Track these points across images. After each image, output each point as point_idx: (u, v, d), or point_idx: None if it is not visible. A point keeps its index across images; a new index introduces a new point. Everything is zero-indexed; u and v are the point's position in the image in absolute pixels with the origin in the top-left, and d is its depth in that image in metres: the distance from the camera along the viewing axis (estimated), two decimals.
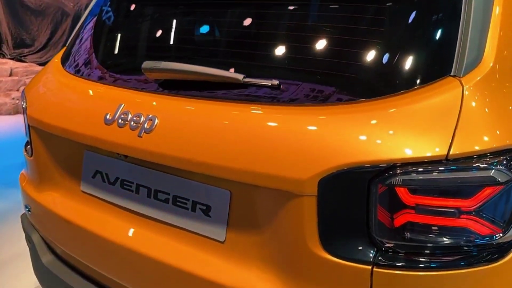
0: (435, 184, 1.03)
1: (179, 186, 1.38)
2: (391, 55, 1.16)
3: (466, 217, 1.04)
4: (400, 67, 1.14)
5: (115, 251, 1.49)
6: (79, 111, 1.57)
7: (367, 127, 1.09)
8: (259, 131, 1.19)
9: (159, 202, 1.42)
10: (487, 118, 1.07)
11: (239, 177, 1.19)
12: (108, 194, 1.55)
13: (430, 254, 1.06)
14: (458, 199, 1.04)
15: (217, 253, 1.30)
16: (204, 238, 1.33)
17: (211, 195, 1.32)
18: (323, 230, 1.11)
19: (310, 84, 1.23)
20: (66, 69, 1.75)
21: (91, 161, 1.60)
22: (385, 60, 1.16)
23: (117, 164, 1.53)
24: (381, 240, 1.08)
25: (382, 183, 1.05)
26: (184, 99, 1.36)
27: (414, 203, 1.05)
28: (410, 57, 1.15)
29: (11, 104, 6.80)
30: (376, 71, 1.17)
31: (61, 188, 1.71)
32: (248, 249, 1.25)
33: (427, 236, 1.06)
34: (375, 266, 1.07)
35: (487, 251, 1.05)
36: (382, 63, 1.17)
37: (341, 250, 1.10)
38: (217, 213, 1.30)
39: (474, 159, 1.03)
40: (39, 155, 1.75)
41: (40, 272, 1.86)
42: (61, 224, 1.68)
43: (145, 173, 1.45)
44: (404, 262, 1.06)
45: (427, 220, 1.05)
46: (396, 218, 1.07)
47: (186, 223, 1.36)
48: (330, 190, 1.09)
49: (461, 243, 1.05)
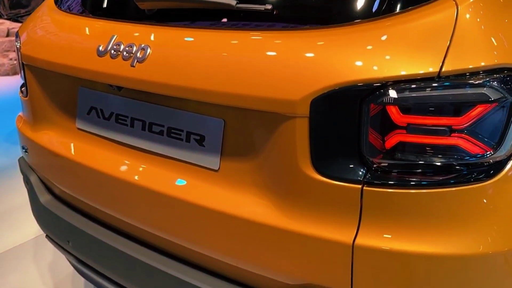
0: (427, 101, 1.03)
1: (173, 118, 1.38)
2: None
3: (457, 135, 1.04)
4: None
5: (112, 185, 1.50)
6: (72, 45, 1.56)
7: (360, 46, 1.08)
8: (251, 55, 1.19)
9: (154, 135, 1.42)
10: (482, 36, 1.06)
11: (232, 102, 1.19)
12: (103, 129, 1.56)
13: (420, 173, 1.07)
14: (450, 117, 1.04)
15: (212, 181, 1.32)
16: (198, 167, 1.34)
17: (205, 124, 1.32)
18: (315, 151, 1.11)
19: (304, 8, 1.22)
20: (59, 7, 1.73)
21: (85, 97, 1.60)
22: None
23: (111, 99, 1.53)
24: (371, 160, 1.08)
25: (374, 102, 1.05)
26: (176, 28, 1.35)
27: (406, 122, 1.06)
28: None
29: (9, 65, 6.76)
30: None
31: (57, 127, 1.71)
32: (242, 175, 1.27)
33: (418, 155, 1.06)
34: (365, 185, 1.08)
35: (477, 170, 1.06)
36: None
37: (332, 171, 1.11)
38: (211, 142, 1.31)
39: (467, 76, 1.02)
40: (34, 95, 1.75)
41: (39, 213, 1.89)
42: (57, 162, 1.69)
43: (139, 106, 1.45)
44: (394, 181, 1.07)
45: (417, 139, 1.06)
46: (387, 137, 1.07)
47: (181, 154, 1.37)
48: (322, 111, 1.09)
49: (452, 162, 1.06)
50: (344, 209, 1.11)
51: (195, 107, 1.33)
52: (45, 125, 1.74)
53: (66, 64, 1.53)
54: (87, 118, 1.60)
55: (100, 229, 1.62)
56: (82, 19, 1.62)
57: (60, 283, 2.48)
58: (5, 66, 6.69)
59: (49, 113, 1.73)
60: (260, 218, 1.20)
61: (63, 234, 1.78)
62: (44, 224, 1.90)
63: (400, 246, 1.07)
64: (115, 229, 1.59)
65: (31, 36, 1.74)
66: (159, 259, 1.46)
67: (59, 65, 1.56)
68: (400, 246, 1.07)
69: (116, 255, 1.55)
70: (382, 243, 1.08)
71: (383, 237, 1.08)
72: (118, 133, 1.51)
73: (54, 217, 1.77)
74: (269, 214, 1.20)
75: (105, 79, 1.43)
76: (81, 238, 1.68)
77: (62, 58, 1.55)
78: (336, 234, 1.11)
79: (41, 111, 1.75)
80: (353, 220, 1.10)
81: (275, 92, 1.12)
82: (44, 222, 1.89)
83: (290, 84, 1.10)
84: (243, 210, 1.24)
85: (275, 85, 1.12)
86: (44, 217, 1.86)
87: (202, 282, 1.36)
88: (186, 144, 1.36)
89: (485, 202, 1.07)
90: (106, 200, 1.56)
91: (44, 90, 1.72)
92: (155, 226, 1.43)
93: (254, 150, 1.24)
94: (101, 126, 1.56)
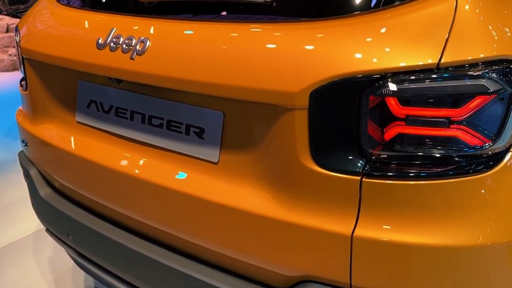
0: (426, 93, 1.03)
1: (173, 110, 1.38)
2: None
3: (455, 127, 1.04)
4: None
5: (112, 178, 1.51)
6: (72, 38, 1.57)
7: (359, 38, 1.08)
8: (251, 48, 1.19)
9: (153, 128, 1.42)
10: (481, 28, 1.06)
11: (232, 94, 1.19)
12: (103, 123, 1.56)
13: (419, 165, 1.07)
14: (448, 109, 1.04)
15: (211, 174, 1.32)
16: (198, 160, 1.35)
17: (204, 117, 1.32)
18: (314, 143, 1.12)
19: (303, 0, 1.22)
20: (59, 0, 1.73)
21: (85, 90, 1.60)
22: None
23: (111, 92, 1.53)
24: (370, 152, 1.09)
25: (373, 94, 1.05)
26: (175, 21, 1.35)
27: (405, 114, 1.06)
28: None
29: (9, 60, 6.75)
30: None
31: (57, 120, 1.71)
32: (241, 168, 1.27)
33: (417, 147, 1.06)
34: (364, 176, 1.08)
35: (476, 161, 1.06)
36: None
37: (331, 163, 1.11)
38: (211, 135, 1.31)
39: (466, 68, 1.02)
40: (34, 88, 1.75)
41: (39, 206, 1.89)
42: (57, 156, 1.69)
43: (139, 100, 1.45)
44: (393, 172, 1.07)
45: (416, 131, 1.06)
46: (386, 129, 1.07)
47: (181, 147, 1.38)
48: (321, 103, 1.09)
49: (450, 153, 1.06)
50: (343, 201, 1.11)
51: (194, 100, 1.33)
52: (45, 118, 1.75)
53: (66, 57, 1.53)
54: (86, 111, 1.60)
55: (100, 222, 1.62)
56: (81, 13, 1.62)
57: (60, 277, 2.49)
58: (5, 62, 6.68)
59: (48, 106, 1.73)
60: (259, 210, 1.21)
61: (63, 227, 1.78)
62: (44, 217, 1.91)
63: (399, 237, 1.07)
64: (114, 222, 1.60)
65: (31, 29, 1.74)
66: (159, 252, 1.46)
67: (59, 58, 1.56)
68: (398, 238, 1.07)
69: (116, 248, 1.55)
70: (381, 234, 1.08)
71: (382, 229, 1.09)
72: (117, 126, 1.51)
73: (54, 210, 1.77)
74: (268, 206, 1.20)
75: (104, 72, 1.43)
76: (81, 232, 1.69)
77: (62, 51, 1.55)
78: (335, 225, 1.12)
79: (40, 104, 1.75)
80: (352, 211, 1.10)
81: (274, 84, 1.12)
82: (44, 216, 1.90)
83: (289, 76, 1.11)
84: (242, 202, 1.24)
85: (275, 77, 1.12)
86: (44, 210, 1.86)
87: (201, 274, 1.36)
88: (186, 137, 1.36)
89: (484, 193, 1.07)
90: (105, 193, 1.56)
91: (43, 84, 1.72)
92: (154, 219, 1.43)
93: (254, 142, 1.24)
94: (101, 120, 1.56)
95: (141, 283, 1.55)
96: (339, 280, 1.14)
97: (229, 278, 1.34)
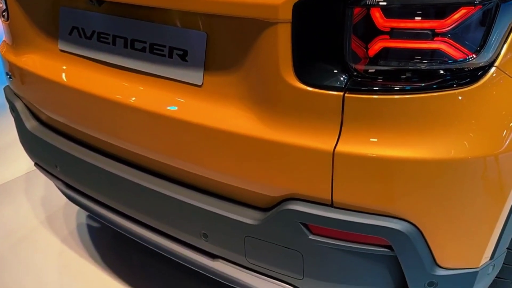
0: (411, 2, 1.01)
1: (155, 33, 1.35)
2: None
3: (439, 39, 1.03)
4: None
5: (96, 105, 1.49)
6: None
7: None
8: None
9: (136, 52, 1.40)
10: None
11: (214, 9, 1.17)
12: (85, 49, 1.53)
13: (403, 79, 1.06)
14: (433, 20, 1.02)
15: (195, 96, 1.31)
16: (182, 83, 1.33)
17: (188, 38, 1.30)
18: (297, 59, 1.10)
19: None
20: None
21: (67, 17, 1.56)
22: None
23: (92, 17, 1.49)
24: (354, 66, 1.07)
25: (357, 5, 1.03)
26: None
27: (389, 27, 1.04)
28: None
29: None
30: None
31: (40, 49, 1.68)
32: (225, 89, 1.26)
33: (400, 61, 1.05)
34: (347, 91, 1.07)
35: (460, 75, 1.06)
36: None
37: (315, 79, 1.10)
38: (194, 57, 1.29)
39: None
40: (16, 18, 1.71)
41: (26, 140, 1.89)
42: (41, 86, 1.67)
43: (120, 23, 1.42)
44: (377, 87, 1.07)
45: (401, 44, 1.04)
46: (371, 43, 1.06)
47: (164, 70, 1.35)
48: (305, 16, 1.07)
49: (434, 66, 1.05)
50: (325, 118, 1.11)
51: (177, 21, 1.30)
52: (28, 49, 1.71)
53: None
54: (69, 38, 1.57)
55: (86, 151, 1.62)
56: None
57: (52, 216, 2.52)
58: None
59: (31, 36, 1.69)
60: (243, 130, 1.20)
61: (51, 159, 1.78)
62: (31, 151, 1.91)
63: (381, 151, 1.08)
64: (101, 151, 1.60)
65: None
66: (146, 178, 1.47)
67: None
68: (380, 152, 1.08)
69: (103, 176, 1.56)
70: (362, 149, 1.09)
71: (363, 144, 1.09)
72: (100, 52, 1.49)
73: (41, 143, 1.76)
74: (252, 126, 1.20)
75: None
76: (68, 162, 1.69)
77: None
78: (318, 142, 1.12)
79: (23, 34, 1.71)
80: (335, 128, 1.10)
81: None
82: (32, 149, 1.89)
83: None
84: (227, 124, 1.23)
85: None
86: (31, 143, 1.86)
87: (187, 197, 1.37)
88: (169, 60, 1.34)
89: (468, 107, 1.07)
90: (90, 121, 1.55)
91: (25, 12, 1.67)
92: (140, 144, 1.43)
93: (237, 62, 1.22)
94: (83, 46, 1.53)
95: (129, 210, 1.57)
96: (321, 197, 1.16)
97: (214, 201, 1.35)
